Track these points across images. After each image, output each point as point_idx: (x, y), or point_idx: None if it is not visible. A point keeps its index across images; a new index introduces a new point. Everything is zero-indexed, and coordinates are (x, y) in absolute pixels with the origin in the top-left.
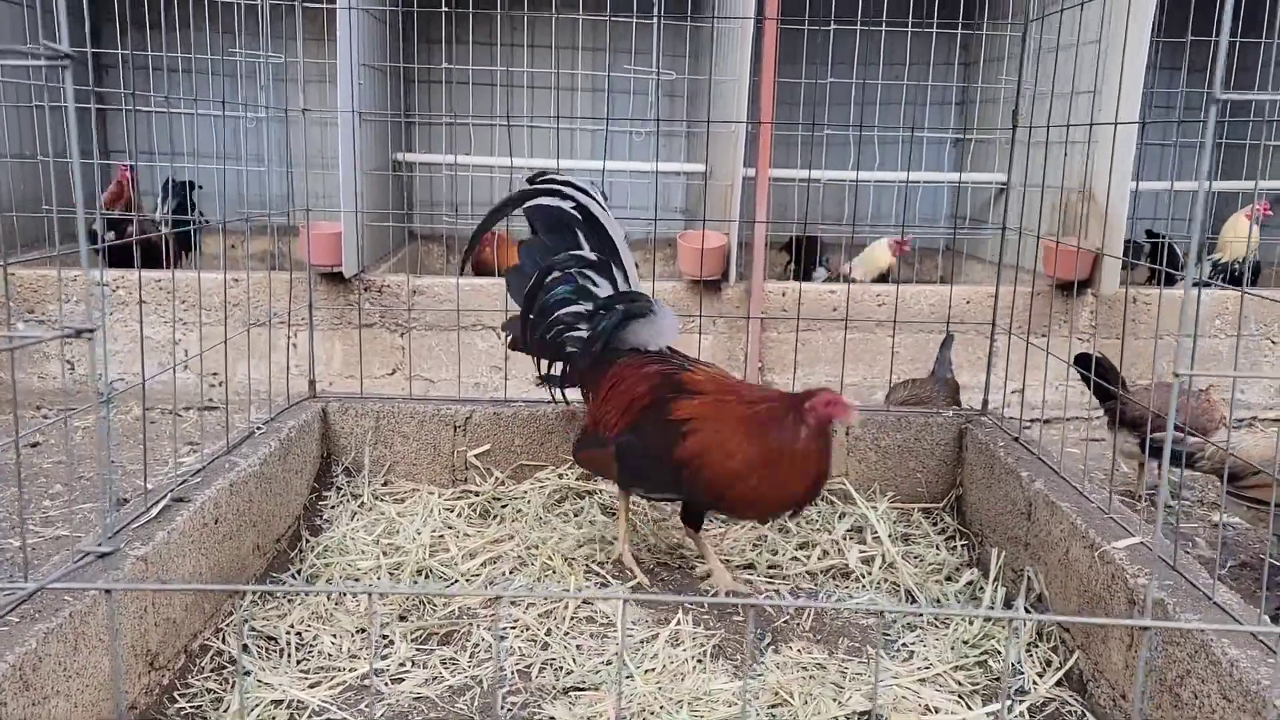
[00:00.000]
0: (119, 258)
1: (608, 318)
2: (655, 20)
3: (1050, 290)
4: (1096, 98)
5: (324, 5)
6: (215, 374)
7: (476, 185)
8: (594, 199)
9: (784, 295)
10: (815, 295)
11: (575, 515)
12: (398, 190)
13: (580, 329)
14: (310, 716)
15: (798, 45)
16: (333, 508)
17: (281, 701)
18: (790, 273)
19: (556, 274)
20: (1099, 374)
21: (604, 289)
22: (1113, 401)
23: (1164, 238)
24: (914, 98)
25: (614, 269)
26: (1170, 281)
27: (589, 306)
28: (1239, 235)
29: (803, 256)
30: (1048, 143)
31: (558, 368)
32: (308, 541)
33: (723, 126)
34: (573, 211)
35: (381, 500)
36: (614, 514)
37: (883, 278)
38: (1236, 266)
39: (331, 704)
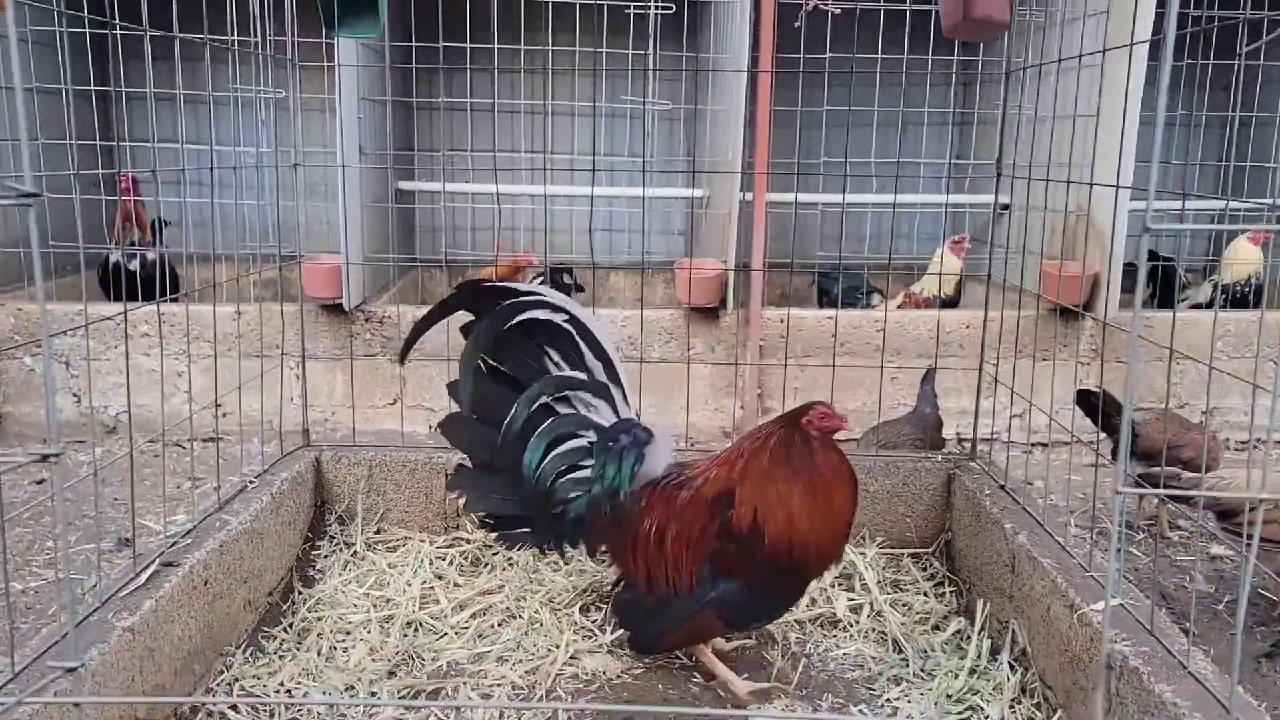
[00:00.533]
0: (132, 287)
1: (629, 450)
2: (651, 50)
3: (1035, 315)
4: (1090, 122)
5: (324, 63)
6: (218, 405)
7: (478, 215)
8: (578, 310)
9: (782, 322)
10: (814, 322)
11: (564, 564)
12: (400, 218)
13: (585, 468)
14: None
15: (793, 71)
16: (326, 557)
17: None
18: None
19: (545, 400)
20: (1098, 408)
21: (606, 416)
22: (1117, 435)
23: (1169, 259)
24: (911, 118)
25: (613, 392)
26: (1170, 304)
27: (592, 439)
28: (1239, 258)
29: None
30: (1031, 171)
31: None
32: (300, 594)
33: (721, 152)
34: (565, 325)
35: (374, 549)
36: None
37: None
38: (1239, 288)
39: None
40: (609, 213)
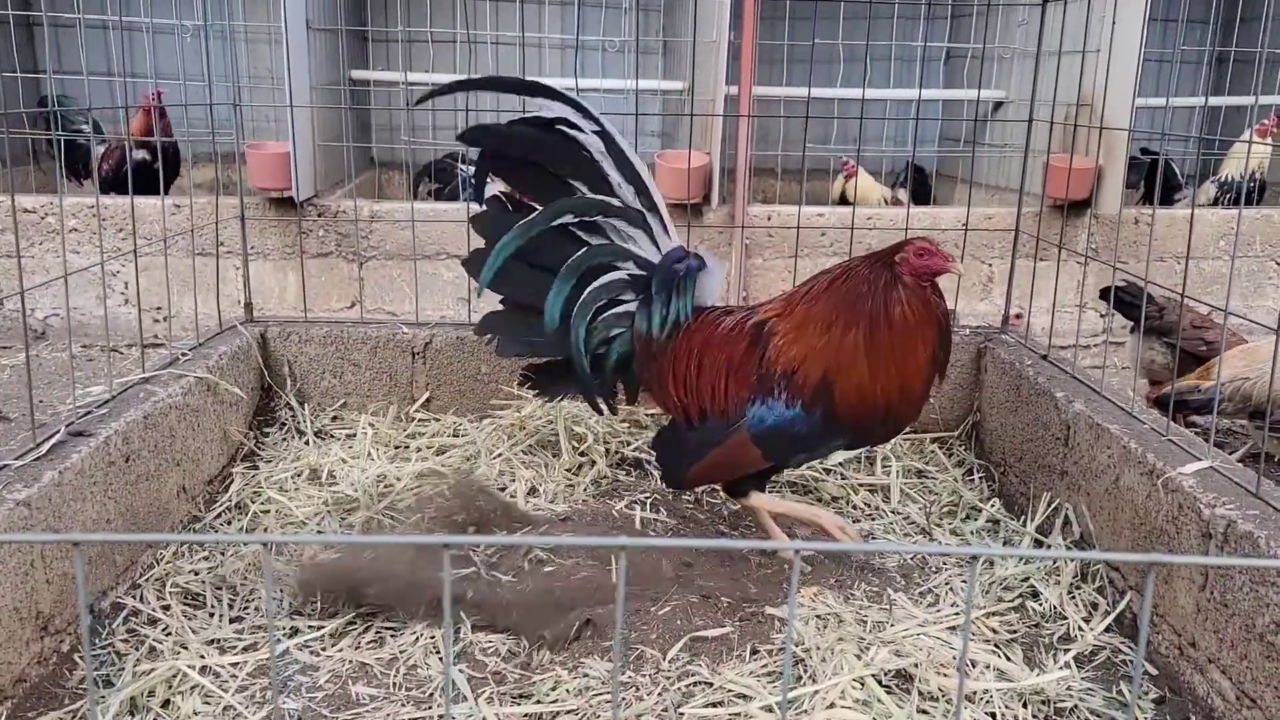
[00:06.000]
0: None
1: (688, 277)
2: None
3: (1032, 211)
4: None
5: None
6: (159, 309)
7: (440, 114)
8: (609, 127)
9: (769, 219)
10: (804, 219)
11: (541, 449)
12: (355, 115)
13: (627, 300)
14: (236, 685)
15: None
16: (276, 445)
17: (206, 669)
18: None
19: (566, 223)
20: (1130, 300)
21: (646, 247)
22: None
23: (1161, 155)
24: (906, 11)
25: (650, 220)
26: (1169, 201)
27: (632, 270)
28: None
29: None
30: (1039, 54)
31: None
32: (245, 484)
33: (703, 36)
34: (594, 138)
35: (328, 438)
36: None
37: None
38: (1247, 182)
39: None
40: None
